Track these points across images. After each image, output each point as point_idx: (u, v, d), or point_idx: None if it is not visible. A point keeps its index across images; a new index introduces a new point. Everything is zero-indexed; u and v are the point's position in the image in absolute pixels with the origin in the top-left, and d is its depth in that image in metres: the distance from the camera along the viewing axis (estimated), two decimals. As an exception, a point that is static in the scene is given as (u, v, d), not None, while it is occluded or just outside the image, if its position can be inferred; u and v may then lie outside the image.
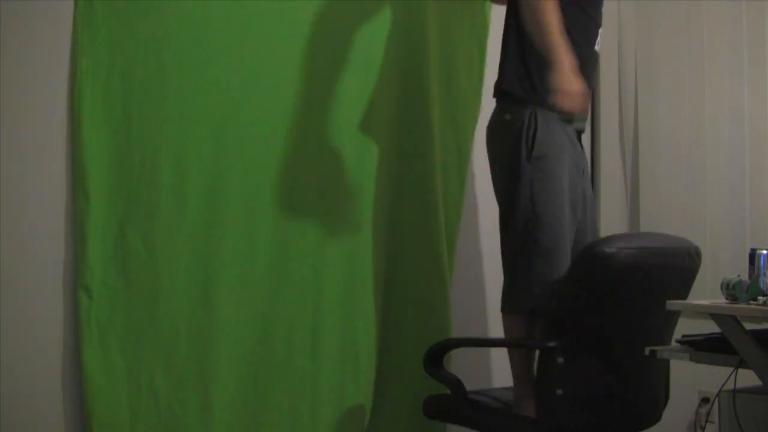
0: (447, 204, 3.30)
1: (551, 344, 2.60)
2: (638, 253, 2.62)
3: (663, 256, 2.71)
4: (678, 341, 2.65)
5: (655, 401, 2.84)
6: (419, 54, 3.18)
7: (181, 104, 2.76)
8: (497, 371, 3.10)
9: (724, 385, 2.51)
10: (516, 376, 2.79)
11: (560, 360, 2.59)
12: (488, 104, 2.82)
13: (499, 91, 2.87)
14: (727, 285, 2.46)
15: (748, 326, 2.42)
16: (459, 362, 3.14)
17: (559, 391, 2.58)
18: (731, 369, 2.44)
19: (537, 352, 2.73)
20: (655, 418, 2.87)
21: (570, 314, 2.63)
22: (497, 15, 3.58)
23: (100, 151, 2.64)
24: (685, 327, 2.91)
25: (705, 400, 3.51)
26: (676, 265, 2.74)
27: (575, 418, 2.60)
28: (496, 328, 3.31)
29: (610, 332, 2.63)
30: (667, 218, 3.67)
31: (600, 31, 2.94)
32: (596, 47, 2.94)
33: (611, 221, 3.89)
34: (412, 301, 3.17)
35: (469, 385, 2.83)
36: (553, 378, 2.60)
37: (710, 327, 2.50)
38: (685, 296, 2.79)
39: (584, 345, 2.61)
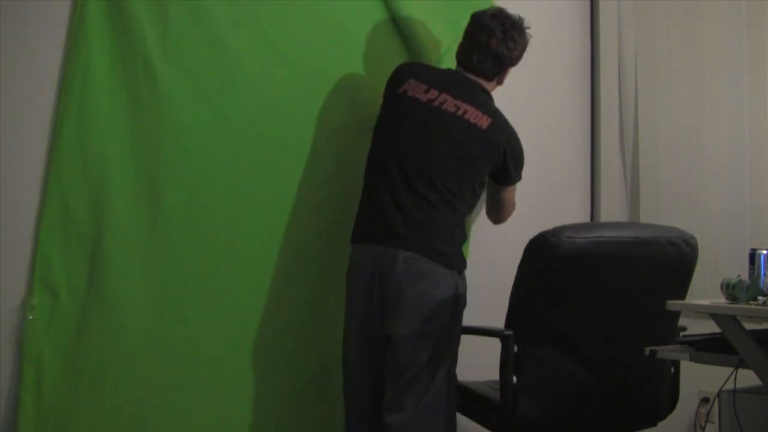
0: None
1: (506, 332, 2.61)
2: (589, 243, 2.60)
3: (627, 247, 2.67)
4: (678, 341, 2.65)
5: (650, 399, 2.83)
6: (419, 56, 3.17)
7: (175, 111, 2.73)
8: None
9: (724, 385, 2.51)
10: None
11: (515, 348, 2.60)
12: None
13: None
14: (727, 285, 2.46)
15: (748, 326, 2.42)
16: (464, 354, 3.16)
17: (515, 379, 2.59)
18: (731, 369, 2.44)
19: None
20: (657, 417, 2.86)
21: (521, 302, 2.64)
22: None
23: (82, 155, 2.60)
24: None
25: (705, 400, 3.51)
26: (650, 256, 2.70)
27: (530, 407, 2.61)
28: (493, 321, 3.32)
29: (563, 322, 2.63)
30: (666, 219, 3.67)
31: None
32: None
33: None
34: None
35: (472, 375, 2.86)
36: (508, 366, 2.61)
37: (710, 327, 2.50)
38: (679, 289, 2.78)
39: (537, 334, 2.62)
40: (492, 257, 3.56)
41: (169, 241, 2.72)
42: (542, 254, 2.58)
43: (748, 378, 2.47)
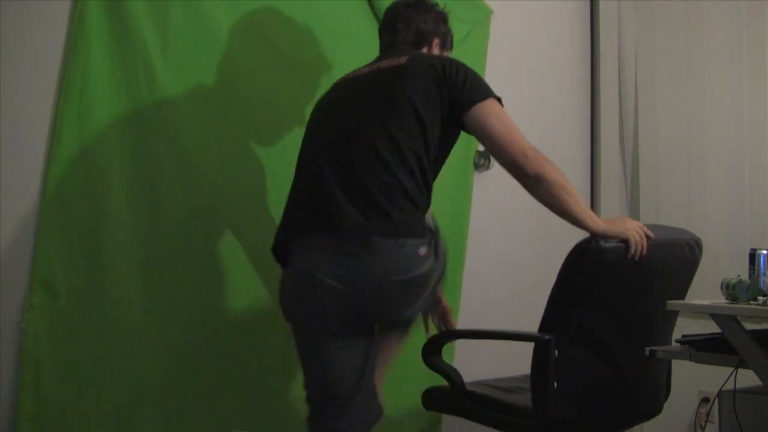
0: (454, 198, 3.29)
1: (547, 337, 2.61)
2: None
3: (659, 249, 2.67)
4: (678, 341, 2.64)
5: (654, 394, 2.83)
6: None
7: (175, 112, 2.74)
8: (498, 363, 3.12)
9: (724, 385, 2.51)
10: None
11: (555, 353, 2.59)
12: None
13: None
14: (727, 285, 2.46)
15: (748, 326, 2.42)
16: (462, 355, 3.18)
17: (555, 384, 2.59)
18: (731, 369, 2.44)
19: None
20: (655, 411, 2.86)
21: (561, 307, 2.63)
22: (498, 20, 3.59)
23: (82, 155, 2.59)
24: (685, 327, 2.91)
25: (705, 400, 3.51)
26: (674, 258, 2.70)
27: (568, 410, 2.60)
28: (500, 322, 3.33)
29: (600, 325, 2.62)
30: (666, 219, 3.67)
31: None
32: None
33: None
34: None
35: (471, 376, 2.84)
36: (548, 371, 2.60)
37: (710, 327, 2.50)
38: (685, 289, 2.78)
39: (576, 338, 2.61)
40: (492, 256, 3.57)
41: (168, 241, 2.72)
42: (585, 258, 2.57)
43: (748, 378, 2.47)
